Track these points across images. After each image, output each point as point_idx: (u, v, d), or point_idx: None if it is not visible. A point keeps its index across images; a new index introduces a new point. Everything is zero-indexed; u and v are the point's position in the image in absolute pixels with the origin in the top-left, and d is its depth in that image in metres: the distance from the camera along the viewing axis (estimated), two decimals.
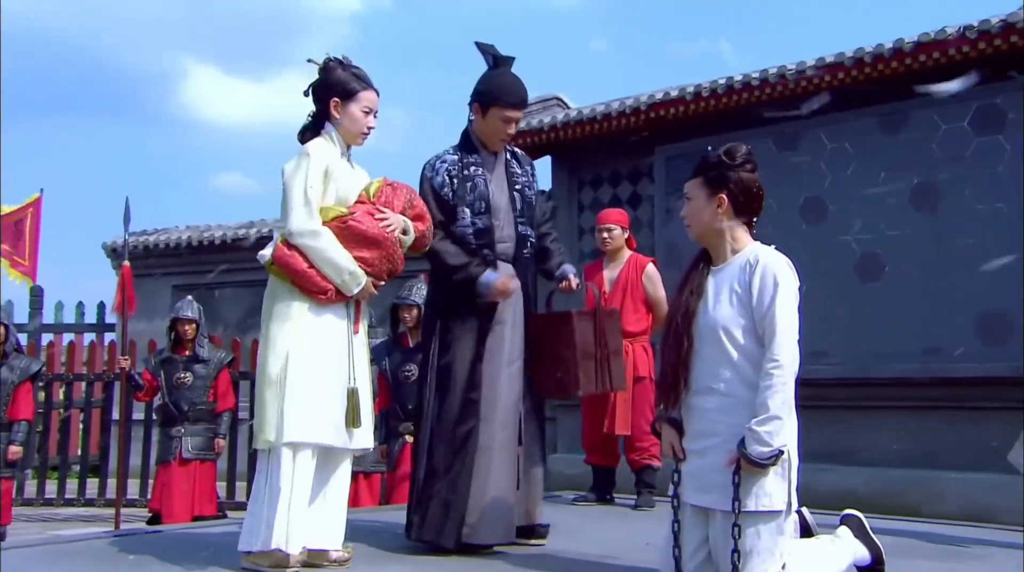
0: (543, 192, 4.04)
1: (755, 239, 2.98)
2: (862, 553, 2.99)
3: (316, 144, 3.37)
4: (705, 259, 2.99)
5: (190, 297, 6.77)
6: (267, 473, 3.18)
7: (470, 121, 3.85)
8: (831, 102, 8.63)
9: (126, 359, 6.54)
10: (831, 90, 8.54)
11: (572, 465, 9.80)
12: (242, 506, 7.99)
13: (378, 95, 3.45)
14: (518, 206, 3.78)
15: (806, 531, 3.00)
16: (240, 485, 8.43)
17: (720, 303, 2.86)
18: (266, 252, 3.29)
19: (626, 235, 5.63)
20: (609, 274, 5.53)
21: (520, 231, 3.76)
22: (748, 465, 2.71)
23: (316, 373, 3.21)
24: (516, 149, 3.98)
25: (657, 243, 9.45)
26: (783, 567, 2.73)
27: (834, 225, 8.70)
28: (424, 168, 3.81)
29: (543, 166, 10.98)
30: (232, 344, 8.13)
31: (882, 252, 8.50)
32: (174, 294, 12.95)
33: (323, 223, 3.25)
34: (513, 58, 3.78)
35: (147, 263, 12.68)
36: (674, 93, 9.34)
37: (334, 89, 3.38)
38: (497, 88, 3.73)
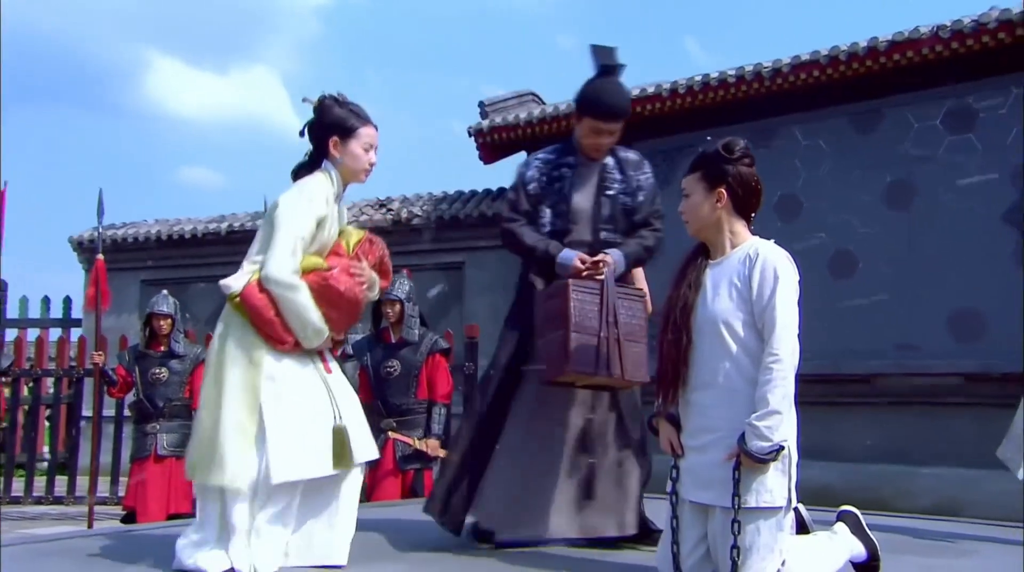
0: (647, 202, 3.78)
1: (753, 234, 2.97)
2: (858, 549, 2.99)
3: (319, 185, 3.23)
4: (702, 253, 2.98)
5: (165, 291, 6.64)
6: (224, 510, 3.08)
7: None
8: (806, 100, 8.71)
9: (100, 354, 6.43)
10: (806, 88, 8.62)
11: None
12: None
13: (377, 130, 3.35)
14: (604, 213, 3.67)
15: (802, 527, 3.00)
16: None
17: (719, 297, 2.85)
18: (233, 284, 3.13)
19: None
20: None
21: (602, 237, 3.67)
22: (748, 461, 2.70)
23: (295, 412, 3.11)
24: (629, 155, 3.78)
25: None
26: (782, 564, 2.73)
27: (808, 222, 8.78)
28: (520, 162, 3.80)
29: (518, 161, 10.98)
30: (206, 339, 8.00)
31: (855, 249, 8.60)
32: (143, 289, 12.80)
33: (303, 272, 3.14)
34: (621, 66, 3.64)
35: (115, 257, 12.47)
36: (650, 89, 9.37)
37: (333, 127, 3.27)
38: (591, 98, 3.62)
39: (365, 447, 3.25)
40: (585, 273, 3.47)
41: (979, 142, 8.07)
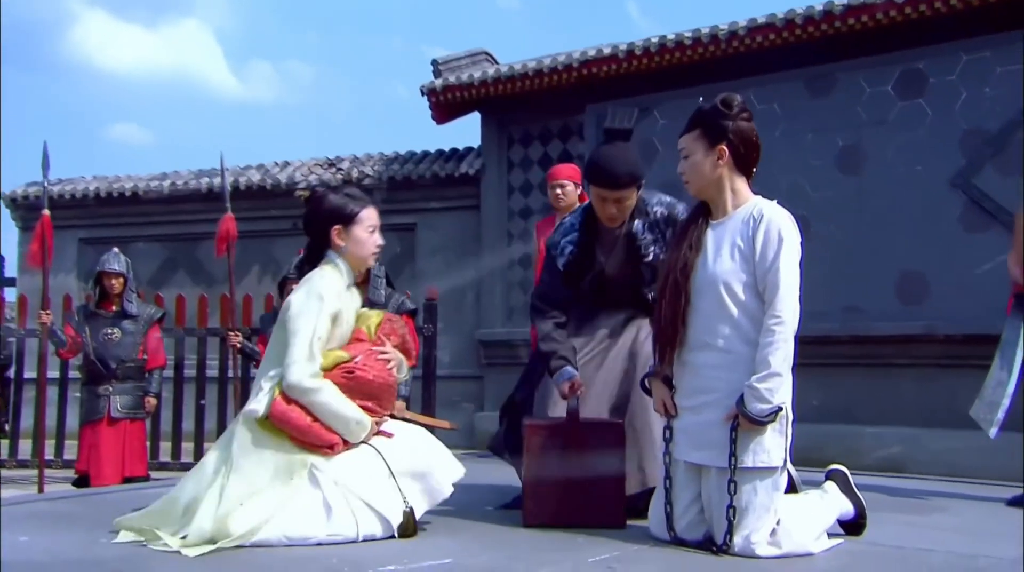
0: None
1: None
2: (847, 508, 3.04)
3: (328, 280, 3.12)
4: (703, 213, 2.97)
5: (116, 249, 6.46)
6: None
7: None
8: (761, 64, 8.74)
9: (48, 314, 6.21)
10: (762, 51, 8.64)
11: (498, 423, 9.86)
12: (165, 467, 7.81)
13: (377, 210, 3.26)
14: (646, 277, 3.59)
15: (790, 487, 3.03)
16: (164, 445, 8.17)
17: (721, 257, 2.84)
18: (257, 407, 3.03)
19: (579, 191, 5.59)
20: None
21: (648, 296, 3.58)
22: (747, 422, 2.71)
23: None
24: (659, 209, 3.61)
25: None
26: (777, 523, 2.76)
27: (761, 186, 8.70)
28: (550, 245, 3.73)
29: (472, 122, 10.86)
30: (155, 300, 7.82)
31: (807, 213, 8.68)
32: (80, 248, 12.45)
33: (325, 370, 3.05)
34: (627, 130, 3.52)
35: (51, 215, 12.05)
36: (607, 50, 9.31)
37: (332, 217, 3.17)
38: (591, 165, 3.53)
39: (451, 468, 3.20)
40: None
41: (929, 108, 8.18)
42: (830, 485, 3.09)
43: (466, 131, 22.97)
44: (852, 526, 3.07)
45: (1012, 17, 7.61)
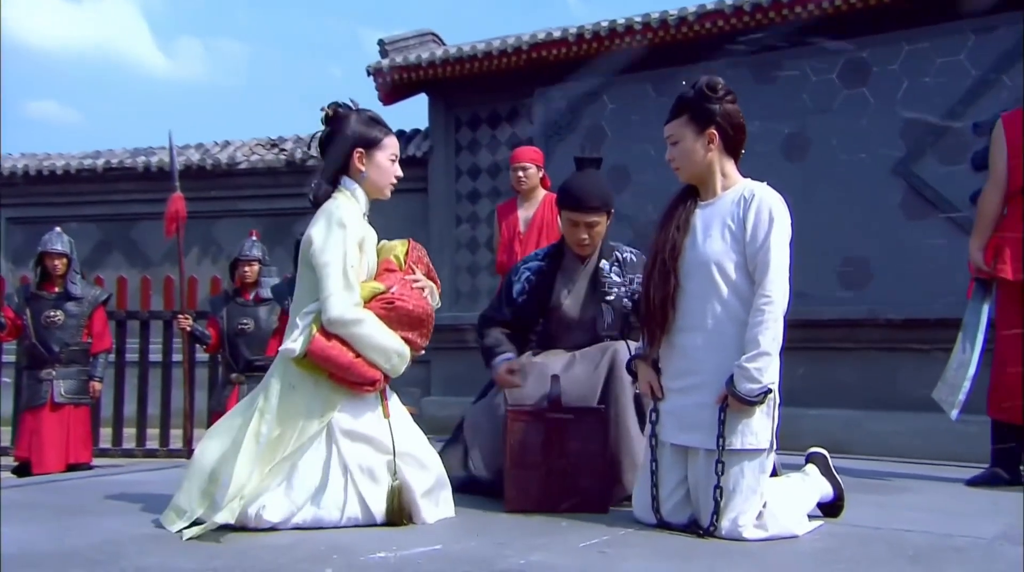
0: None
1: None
2: (826, 490, 3.07)
3: (345, 207, 2.99)
4: (691, 195, 2.96)
5: (58, 229, 6.23)
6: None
7: None
8: (709, 50, 8.80)
9: None
10: (711, 37, 8.70)
11: (445, 407, 9.81)
12: (105, 453, 7.60)
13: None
14: (607, 320, 3.57)
15: (773, 470, 3.05)
16: (104, 432, 7.94)
17: (711, 238, 2.84)
18: (294, 346, 2.89)
19: (541, 174, 5.56)
20: (524, 214, 5.45)
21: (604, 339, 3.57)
22: (736, 403, 2.72)
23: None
24: (628, 255, 3.68)
25: None
26: (764, 505, 2.77)
27: None
28: (511, 271, 3.75)
29: (419, 104, 10.74)
30: (96, 281, 7.58)
31: None
32: (8, 228, 12.06)
33: (364, 301, 2.93)
34: (594, 159, 3.67)
35: None
36: (556, 34, 9.28)
37: (356, 139, 3.04)
38: (563, 190, 3.59)
39: (443, 506, 3.09)
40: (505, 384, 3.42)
41: (872, 96, 8.33)
42: (811, 468, 3.12)
43: (413, 112, 22.79)
44: (829, 508, 3.11)
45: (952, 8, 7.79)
